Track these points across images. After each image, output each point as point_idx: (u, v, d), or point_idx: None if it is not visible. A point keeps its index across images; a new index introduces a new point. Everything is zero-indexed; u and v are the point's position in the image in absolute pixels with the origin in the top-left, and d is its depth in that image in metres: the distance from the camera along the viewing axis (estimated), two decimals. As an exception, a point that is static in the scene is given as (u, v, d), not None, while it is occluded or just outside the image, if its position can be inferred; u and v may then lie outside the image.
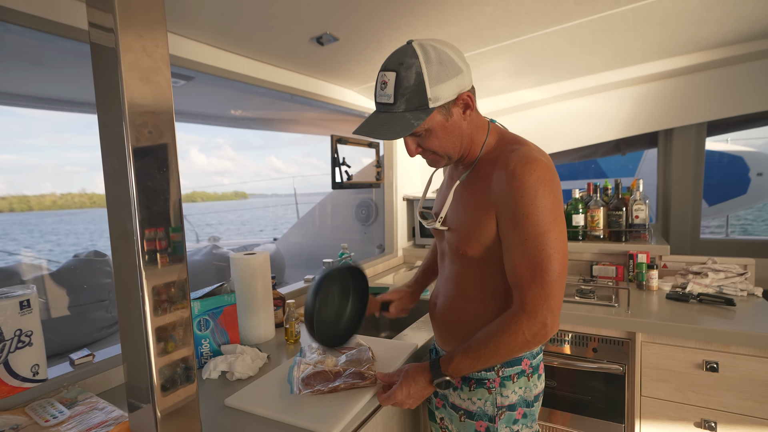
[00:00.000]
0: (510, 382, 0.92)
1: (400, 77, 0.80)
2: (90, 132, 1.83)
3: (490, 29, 1.41)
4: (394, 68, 0.81)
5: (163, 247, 0.64)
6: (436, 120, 0.84)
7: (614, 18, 1.41)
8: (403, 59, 0.81)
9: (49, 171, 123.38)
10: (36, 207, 58.04)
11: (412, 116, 0.81)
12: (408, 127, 0.81)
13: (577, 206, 2.06)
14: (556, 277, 0.80)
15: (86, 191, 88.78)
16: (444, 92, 0.81)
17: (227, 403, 0.95)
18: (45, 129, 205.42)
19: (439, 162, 0.92)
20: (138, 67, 0.60)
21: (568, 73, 2.01)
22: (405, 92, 0.80)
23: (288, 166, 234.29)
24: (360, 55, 1.55)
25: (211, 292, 1.25)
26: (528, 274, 0.81)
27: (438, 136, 0.86)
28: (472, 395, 0.94)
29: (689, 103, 2.04)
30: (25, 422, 0.83)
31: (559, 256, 0.80)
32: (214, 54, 1.37)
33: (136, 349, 0.64)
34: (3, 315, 0.84)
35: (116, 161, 0.62)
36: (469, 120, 0.89)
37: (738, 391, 1.34)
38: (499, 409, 0.92)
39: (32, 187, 76.54)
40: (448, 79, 0.81)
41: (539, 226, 0.79)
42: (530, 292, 0.80)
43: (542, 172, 0.80)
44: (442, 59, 0.81)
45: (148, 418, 0.64)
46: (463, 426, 0.96)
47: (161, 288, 0.63)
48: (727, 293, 1.62)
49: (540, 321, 0.80)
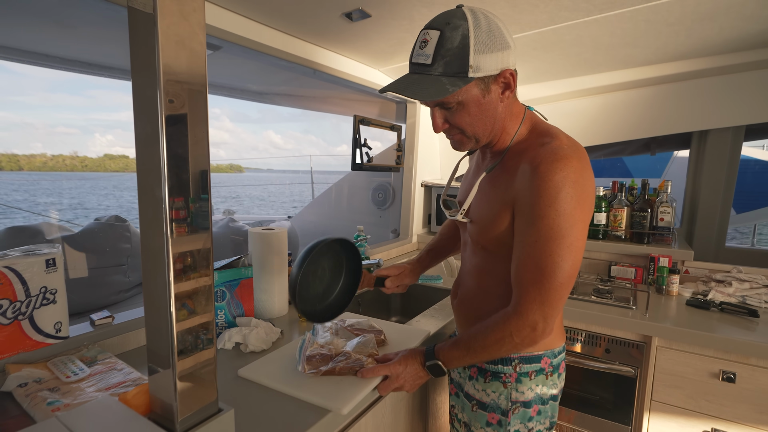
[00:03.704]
0: (527, 379, 0.90)
1: (444, 37, 0.74)
2: (84, 93, 1.78)
3: (529, 13, 1.35)
4: (438, 27, 0.75)
5: (192, 216, 0.64)
6: (472, 93, 0.78)
7: (660, 9, 1.34)
8: (451, 19, 0.75)
9: (40, 131, 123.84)
10: (26, 167, 57.86)
11: (448, 81, 0.75)
12: (442, 91, 0.75)
13: (600, 204, 2.01)
14: (558, 285, 0.76)
15: (78, 154, 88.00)
16: (487, 64, 0.75)
17: (240, 374, 0.97)
18: (37, 87, 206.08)
19: (465, 144, 0.87)
20: (174, 32, 0.59)
21: (605, 65, 1.93)
22: (446, 54, 0.74)
23: (286, 142, 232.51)
24: (390, 33, 1.51)
25: (228, 264, 1.26)
26: (529, 276, 0.77)
27: (470, 112, 0.80)
28: (487, 387, 0.93)
29: (728, 104, 1.95)
30: (48, 376, 0.85)
31: (566, 265, 0.75)
32: (245, 24, 1.35)
33: (159, 314, 0.64)
34: (30, 271, 0.86)
35: (148, 126, 0.61)
36: (506, 103, 0.83)
37: (754, 404, 1.31)
38: (513, 404, 0.90)
39: (22, 146, 76.26)
40: (495, 51, 0.75)
41: (553, 230, 0.75)
42: (527, 295, 0.77)
43: (569, 171, 0.74)
44: (492, 29, 0.75)
45: (167, 381, 0.65)
46: (475, 416, 0.95)
47: (187, 255, 0.63)
48: (750, 304, 1.58)
49: (529, 324, 0.78)
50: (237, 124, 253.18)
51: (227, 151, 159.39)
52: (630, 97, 2.12)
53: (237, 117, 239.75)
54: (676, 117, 2.05)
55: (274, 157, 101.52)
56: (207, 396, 0.69)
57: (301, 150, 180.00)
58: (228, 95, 2.06)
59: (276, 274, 1.34)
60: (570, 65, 1.93)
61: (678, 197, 2.14)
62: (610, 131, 2.21)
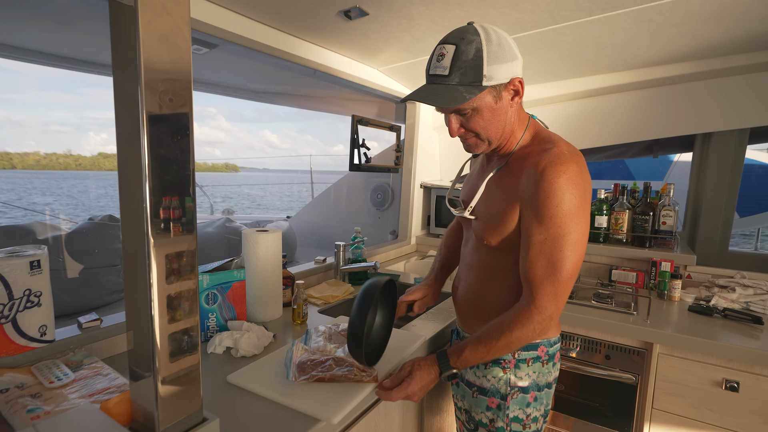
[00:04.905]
0: (525, 365, 0.96)
1: (460, 50, 0.82)
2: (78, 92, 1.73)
3: (529, 12, 1.33)
4: (454, 42, 0.84)
5: (173, 217, 0.61)
6: (486, 100, 0.86)
7: (664, 9, 1.31)
8: (465, 35, 0.83)
9: (34, 129, 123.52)
10: (19, 165, 57.48)
11: (464, 90, 0.83)
12: (459, 98, 0.83)
13: (602, 207, 1.98)
14: (567, 278, 0.85)
15: (71, 152, 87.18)
16: (499, 73, 0.84)
17: (229, 380, 0.94)
18: (30, 85, 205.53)
19: (479, 146, 0.94)
20: (157, 27, 0.57)
21: (608, 66, 1.90)
22: (462, 65, 0.82)
23: (282, 142, 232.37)
24: (388, 32, 1.49)
25: (220, 266, 1.23)
26: (543, 271, 0.85)
27: (484, 117, 0.88)
28: (487, 373, 0.98)
29: (733, 106, 1.92)
30: (31, 381, 0.83)
31: (574, 258, 0.84)
32: (240, 22, 1.33)
33: (140, 319, 0.62)
34: (13, 274, 0.83)
35: (129, 125, 0.59)
36: (515, 108, 0.91)
37: (758, 414, 1.28)
38: (512, 389, 0.96)
39: (15, 144, 75.76)
40: (505, 62, 0.84)
41: (562, 228, 0.83)
42: (542, 288, 0.85)
43: (571, 174, 0.82)
44: (502, 42, 0.84)
45: (148, 389, 0.63)
46: (475, 402, 1.00)
47: (169, 258, 0.61)
48: (754, 310, 1.54)
49: (548, 316, 0.86)
50: (233, 123, 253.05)
51: (223, 151, 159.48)
52: (632, 99, 2.09)
53: (233, 116, 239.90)
54: (679, 119, 2.02)
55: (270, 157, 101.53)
56: (191, 405, 0.67)
57: (298, 150, 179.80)
58: (225, 94, 2.04)
59: (269, 277, 1.32)
60: (572, 66, 1.90)
61: (681, 200, 2.11)
62: (612, 133, 2.18)
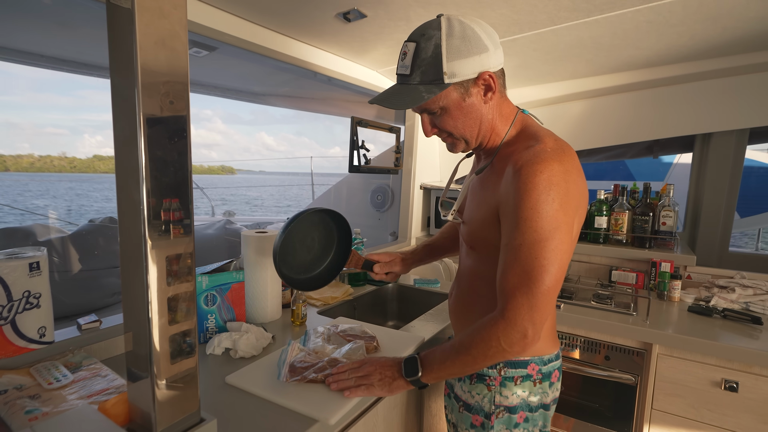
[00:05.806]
0: (512, 384, 0.88)
1: (419, 48, 0.78)
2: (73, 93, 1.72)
3: (527, 14, 1.33)
4: (415, 39, 0.79)
5: (171, 219, 0.62)
6: (452, 98, 0.81)
7: (662, 10, 1.31)
8: (426, 31, 0.79)
9: (28, 131, 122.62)
10: (12, 168, 57.29)
11: (424, 89, 0.79)
12: (418, 98, 0.78)
13: (601, 208, 1.98)
14: (545, 290, 0.74)
15: (66, 155, 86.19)
16: (462, 69, 0.78)
17: (228, 381, 0.94)
18: (24, 87, 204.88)
19: (457, 146, 0.89)
20: (154, 30, 0.57)
21: (606, 67, 1.90)
22: (421, 64, 0.78)
23: (279, 144, 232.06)
24: (387, 34, 1.49)
25: (219, 267, 1.24)
26: (516, 281, 0.75)
27: (453, 116, 0.83)
28: (472, 389, 0.92)
29: (732, 106, 1.92)
30: (29, 383, 0.83)
31: (553, 269, 0.74)
32: (239, 24, 1.33)
33: (138, 321, 0.62)
34: (12, 275, 0.84)
35: (127, 128, 0.59)
36: (492, 104, 0.85)
37: (757, 414, 1.27)
38: (497, 407, 0.89)
39: (8, 146, 74.41)
40: (470, 56, 0.78)
41: (538, 233, 0.73)
42: (514, 300, 0.75)
43: (551, 174, 0.74)
44: (467, 35, 0.77)
45: (145, 390, 0.63)
46: (461, 417, 0.95)
47: (166, 259, 0.61)
48: (754, 311, 1.54)
49: (519, 331, 0.75)
50: (229, 126, 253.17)
51: (219, 153, 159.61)
52: (632, 100, 2.09)
53: (229, 118, 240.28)
54: (678, 120, 2.02)
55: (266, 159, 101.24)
56: (188, 406, 0.67)
57: (294, 152, 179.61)
58: (224, 96, 2.04)
59: (269, 278, 1.32)
60: (571, 67, 1.90)
61: (681, 201, 2.11)
62: (612, 134, 2.18)
